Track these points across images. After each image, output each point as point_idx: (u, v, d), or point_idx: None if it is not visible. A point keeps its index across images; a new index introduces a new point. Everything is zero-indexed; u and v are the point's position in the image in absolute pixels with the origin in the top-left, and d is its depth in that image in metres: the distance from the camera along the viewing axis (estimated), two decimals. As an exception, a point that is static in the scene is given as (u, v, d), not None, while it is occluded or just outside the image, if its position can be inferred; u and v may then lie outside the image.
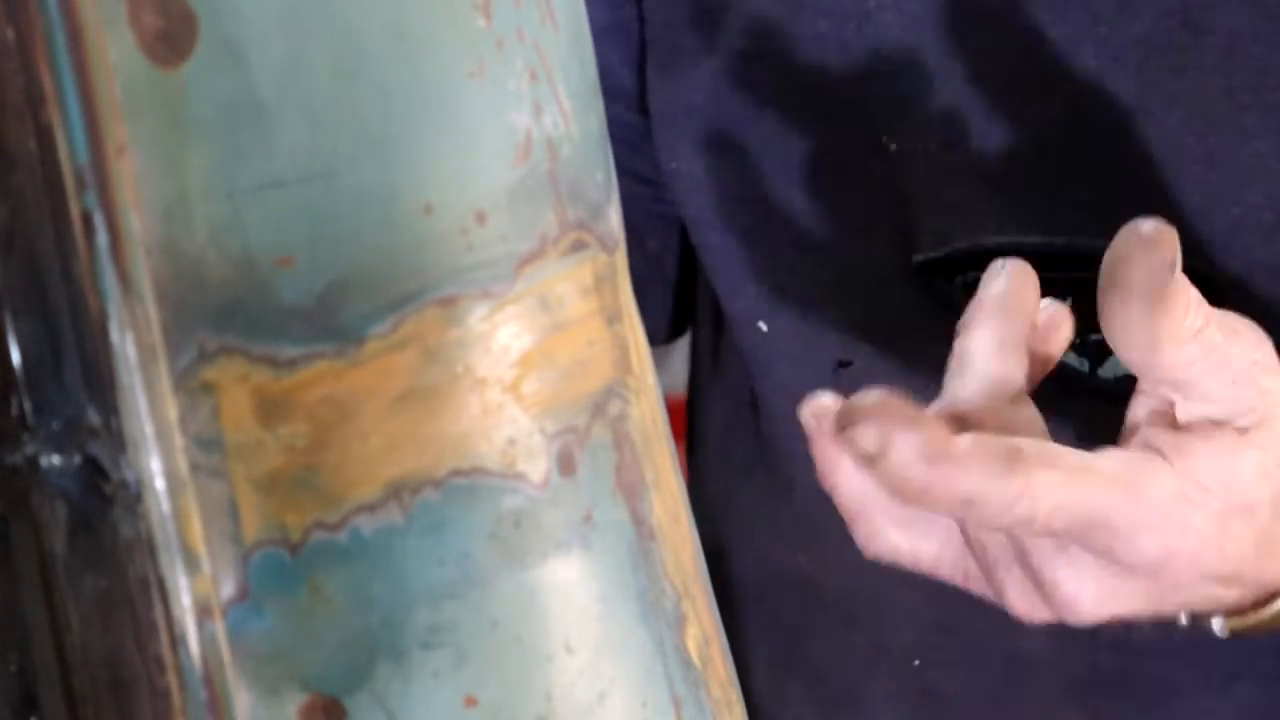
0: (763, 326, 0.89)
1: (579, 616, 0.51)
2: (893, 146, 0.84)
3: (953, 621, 0.88)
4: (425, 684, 0.48)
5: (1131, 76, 0.79)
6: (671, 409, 0.59)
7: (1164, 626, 0.65)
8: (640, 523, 0.53)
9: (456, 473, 0.48)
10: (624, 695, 0.51)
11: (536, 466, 0.50)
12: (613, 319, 0.53)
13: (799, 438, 0.87)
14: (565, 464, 0.51)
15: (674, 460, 0.57)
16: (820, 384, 0.86)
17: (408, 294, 0.48)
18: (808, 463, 0.87)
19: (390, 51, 0.47)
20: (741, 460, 0.96)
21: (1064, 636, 0.81)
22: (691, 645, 0.54)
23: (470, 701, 0.48)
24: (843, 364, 0.87)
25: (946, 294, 0.83)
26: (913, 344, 0.83)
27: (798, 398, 0.87)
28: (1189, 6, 0.79)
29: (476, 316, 0.49)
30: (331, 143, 0.47)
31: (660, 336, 1.07)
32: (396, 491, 0.48)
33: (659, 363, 0.58)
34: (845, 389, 0.85)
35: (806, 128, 0.86)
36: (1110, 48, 0.80)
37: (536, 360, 0.50)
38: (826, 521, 0.87)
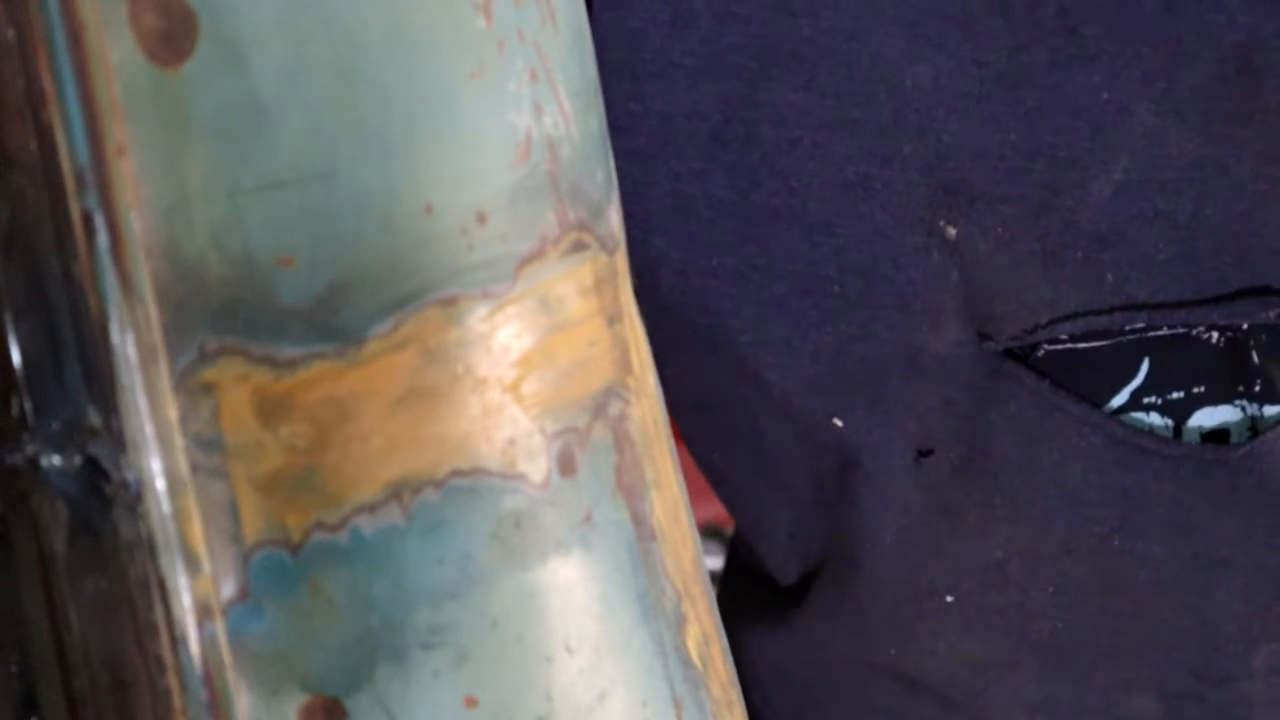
0: (838, 422, 0.87)
1: (579, 616, 0.51)
2: (951, 231, 0.81)
3: (1057, 699, 0.87)
4: (425, 684, 0.48)
5: (1195, 129, 0.77)
6: (672, 409, 0.59)
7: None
8: (641, 523, 0.53)
9: (457, 473, 0.48)
10: (624, 695, 0.51)
11: (537, 466, 0.50)
12: (613, 319, 0.53)
13: (887, 532, 0.86)
14: (565, 464, 0.51)
15: (674, 460, 0.57)
16: (903, 475, 0.85)
17: (408, 294, 0.48)
18: (896, 559, 0.86)
19: (390, 52, 0.47)
20: (815, 555, 0.94)
21: (1171, 704, 0.81)
22: (692, 645, 0.54)
23: (470, 701, 0.48)
24: (923, 453, 0.85)
25: (1021, 374, 0.82)
26: (992, 427, 0.83)
27: (884, 491, 0.86)
28: (1245, 50, 0.77)
29: (476, 317, 0.49)
30: (331, 143, 0.47)
31: None
32: (397, 492, 0.48)
33: (659, 363, 0.58)
34: (929, 480, 0.85)
35: (857, 214, 0.83)
36: (1168, 103, 0.77)
37: (536, 360, 0.50)
38: (919, 618, 0.87)
